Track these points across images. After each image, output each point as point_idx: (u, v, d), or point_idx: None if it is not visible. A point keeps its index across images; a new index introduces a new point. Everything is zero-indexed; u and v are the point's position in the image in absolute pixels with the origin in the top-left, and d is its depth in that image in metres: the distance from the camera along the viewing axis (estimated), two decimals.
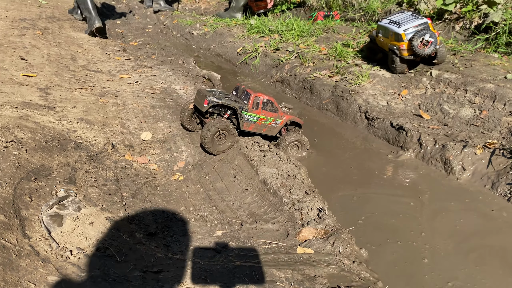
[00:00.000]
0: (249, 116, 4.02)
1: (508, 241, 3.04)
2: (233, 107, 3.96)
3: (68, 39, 7.63)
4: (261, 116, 4.08)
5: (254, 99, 3.99)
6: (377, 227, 3.24)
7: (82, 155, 3.60)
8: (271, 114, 4.13)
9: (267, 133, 4.24)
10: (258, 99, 4.02)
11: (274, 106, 4.12)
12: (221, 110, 4.04)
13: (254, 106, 4.01)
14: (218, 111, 4.04)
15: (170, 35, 9.79)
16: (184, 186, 3.64)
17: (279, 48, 7.10)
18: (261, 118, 4.09)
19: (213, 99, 3.86)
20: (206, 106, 3.86)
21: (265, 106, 4.07)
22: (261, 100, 4.03)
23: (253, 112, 4.02)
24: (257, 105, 4.03)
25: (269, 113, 4.11)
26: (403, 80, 5.15)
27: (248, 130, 4.13)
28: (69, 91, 4.96)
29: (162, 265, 2.51)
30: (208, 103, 3.85)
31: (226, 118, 4.03)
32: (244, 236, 2.96)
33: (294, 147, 4.29)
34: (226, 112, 4.04)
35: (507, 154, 3.62)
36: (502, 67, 4.84)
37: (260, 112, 4.06)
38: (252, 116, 4.04)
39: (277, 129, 4.25)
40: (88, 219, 2.69)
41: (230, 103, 3.93)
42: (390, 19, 5.06)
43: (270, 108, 4.11)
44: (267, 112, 4.10)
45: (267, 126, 4.18)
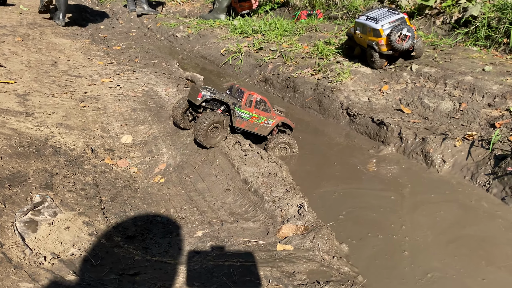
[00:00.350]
0: (242, 112, 4.04)
1: (487, 231, 3.06)
2: (226, 102, 3.97)
3: (49, 45, 7.56)
4: (254, 115, 4.10)
5: (247, 97, 4.02)
6: (358, 222, 3.25)
7: (60, 160, 3.56)
8: (263, 114, 4.15)
9: (259, 132, 4.25)
10: (252, 97, 4.04)
11: (267, 106, 4.15)
12: (215, 105, 4.04)
13: (247, 103, 4.03)
14: (212, 106, 4.03)
15: (154, 38, 9.75)
16: (165, 188, 3.62)
17: (262, 48, 7.10)
18: (253, 117, 4.11)
19: (207, 93, 3.87)
20: (200, 99, 3.85)
21: (258, 105, 4.09)
22: (254, 98, 4.05)
23: (246, 109, 4.04)
24: (250, 103, 4.05)
25: (261, 112, 4.13)
26: (384, 75, 5.18)
27: (240, 127, 4.13)
28: (49, 97, 4.91)
29: (139, 268, 2.49)
30: (202, 96, 3.85)
31: (220, 112, 4.03)
32: (224, 236, 2.95)
33: (282, 150, 4.30)
34: (219, 108, 4.03)
35: (485, 145, 3.65)
36: (480, 59, 4.88)
37: (253, 110, 4.08)
38: (244, 113, 4.05)
39: (268, 129, 4.26)
40: (64, 224, 2.66)
41: (223, 98, 3.94)
42: (367, 15, 5.09)
43: (262, 108, 4.13)
44: (259, 111, 4.12)
45: (259, 125, 4.19)
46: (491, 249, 2.89)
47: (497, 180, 3.35)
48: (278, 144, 4.24)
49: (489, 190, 3.38)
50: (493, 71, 4.46)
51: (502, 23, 5.29)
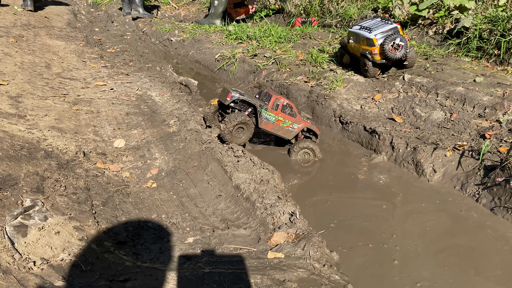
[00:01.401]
0: (268, 115, 4.15)
1: (476, 240, 3.09)
2: (253, 104, 4.13)
3: (43, 47, 7.53)
4: (279, 118, 4.20)
5: (274, 100, 4.13)
6: (349, 230, 3.26)
7: (52, 164, 3.54)
8: (289, 118, 4.23)
9: (284, 136, 4.34)
10: (279, 101, 4.15)
11: (293, 111, 4.24)
12: (243, 107, 4.22)
13: (274, 107, 4.15)
14: (240, 107, 4.22)
15: (149, 42, 9.75)
16: (157, 194, 3.61)
17: (256, 54, 7.13)
18: (279, 120, 4.21)
19: (236, 94, 4.07)
20: (229, 99, 4.07)
21: (284, 109, 4.19)
22: (281, 102, 4.16)
23: (272, 112, 4.15)
24: (276, 106, 4.15)
25: (287, 116, 4.22)
26: (376, 84, 5.23)
27: (266, 129, 4.24)
28: (42, 99, 4.89)
29: (129, 274, 2.48)
30: (231, 97, 4.06)
31: (247, 114, 4.20)
32: (216, 242, 2.95)
33: (306, 154, 4.36)
34: (247, 109, 4.20)
35: (475, 155, 3.69)
36: (472, 70, 4.95)
37: (279, 113, 4.18)
38: (270, 115, 4.16)
39: (293, 134, 4.34)
40: (54, 228, 2.65)
41: (251, 100, 4.12)
42: (360, 25, 5.14)
43: (289, 112, 4.22)
44: (285, 115, 4.21)
45: (284, 129, 4.28)
46: (480, 259, 2.93)
47: (486, 191, 3.39)
48: (302, 148, 4.31)
49: (479, 200, 3.42)
50: (484, 82, 4.53)
51: (493, 34, 5.37)
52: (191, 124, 4.55)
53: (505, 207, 3.20)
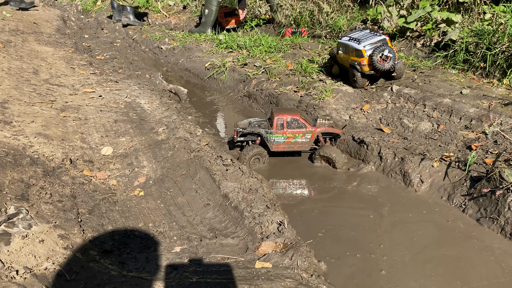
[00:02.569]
0: (275, 137, 4.20)
1: (462, 251, 3.11)
2: (257, 133, 4.23)
3: (31, 53, 7.47)
4: (289, 135, 4.19)
5: (277, 121, 4.15)
6: (337, 240, 3.26)
7: (37, 171, 3.49)
8: (298, 131, 4.19)
9: (301, 149, 4.33)
10: (281, 120, 4.14)
11: (300, 122, 4.19)
12: (252, 137, 4.33)
13: (278, 127, 4.16)
14: (250, 138, 4.34)
15: (139, 50, 9.73)
16: (144, 202, 3.58)
17: (246, 63, 7.16)
18: (289, 137, 4.20)
19: (239, 129, 4.24)
20: (235, 137, 4.27)
21: (290, 125, 4.17)
22: (285, 120, 4.15)
23: (279, 133, 4.17)
24: (281, 126, 4.15)
25: (296, 130, 4.19)
26: (365, 95, 5.27)
27: (280, 150, 4.30)
28: (29, 105, 4.83)
29: (115, 283, 2.44)
30: (237, 134, 4.25)
31: (259, 143, 4.31)
32: (203, 252, 2.92)
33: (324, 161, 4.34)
34: (257, 138, 4.30)
35: (462, 166, 3.73)
36: (458, 82, 5.03)
37: (286, 132, 4.17)
38: (278, 137, 4.20)
39: (310, 143, 4.30)
40: (38, 237, 2.60)
41: (254, 130, 4.21)
42: (350, 36, 5.20)
43: (296, 126, 4.19)
44: (293, 130, 4.18)
45: (298, 143, 4.27)
46: (466, 269, 2.94)
47: (472, 201, 3.42)
48: (321, 156, 4.30)
49: (465, 211, 3.45)
50: (470, 94, 4.60)
51: (479, 48, 5.47)
52: (180, 132, 4.53)
53: (491, 218, 3.24)
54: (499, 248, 3.07)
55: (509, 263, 2.94)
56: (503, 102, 4.30)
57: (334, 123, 4.38)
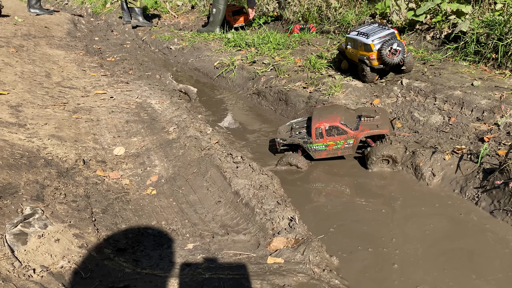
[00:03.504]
0: (316, 146, 4.09)
1: (476, 244, 3.09)
2: (297, 144, 4.19)
3: (43, 56, 7.58)
4: (330, 143, 4.04)
5: (315, 131, 4.00)
6: (349, 235, 3.26)
7: (52, 172, 3.56)
8: (339, 138, 4.01)
9: (345, 154, 4.17)
10: (319, 129, 3.98)
11: (340, 129, 3.98)
12: (294, 146, 4.30)
13: (318, 136, 4.02)
14: (292, 147, 4.33)
15: (148, 50, 9.81)
16: (157, 200, 3.62)
17: (255, 61, 7.17)
18: (330, 145, 4.06)
19: (280, 141, 4.23)
20: (278, 148, 4.28)
21: (329, 133, 4.00)
22: (323, 129, 3.98)
23: (319, 142, 4.04)
24: (320, 135, 4.01)
25: (336, 137, 4.01)
26: (375, 89, 5.25)
27: (323, 157, 4.20)
28: (42, 108, 4.92)
29: (129, 280, 2.48)
30: (279, 145, 4.26)
31: (301, 153, 4.26)
32: (215, 248, 2.95)
33: (384, 162, 4.09)
34: (299, 147, 4.26)
35: (474, 159, 3.70)
36: (469, 74, 4.97)
37: (326, 140, 4.02)
38: (319, 145, 4.08)
39: (354, 148, 4.09)
40: (54, 236, 2.66)
41: (294, 141, 4.16)
42: (358, 30, 5.17)
43: (336, 133, 4.00)
44: (334, 137, 4.01)
45: (341, 149, 4.10)
46: (480, 262, 2.92)
47: (485, 194, 3.39)
48: (378, 158, 4.03)
49: (478, 203, 3.42)
50: (482, 85, 4.54)
51: (491, 38, 5.39)
52: (191, 131, 4.57)
53: (504, 210, 3.20)
54: None
55: None
56: None
57: (380, 120, 4.07)
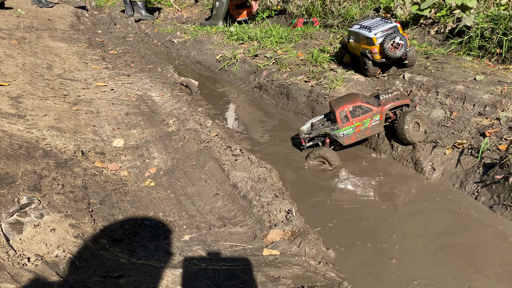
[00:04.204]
0: (344, 131, 4.04)
1: (475, 238, 3.06)
2: (324, 133, 4.13)
3: (45, 49, 7.58)
4: (356, 124, 4.01)
5: (339, 115, 3.97)
6: (348, 230, 3.24)
7: (50, 163, 3.55)
8: (365, 117, 3.99)
9: (374, 133, 4.14)
10: (343, 112, 3.96)
11: (364, 107, 3.97)
12: (320, 138, 4.23)
13: (343, 120, 3.99)
14: (318, 140, 4.25)
15: (151, 44, 9.79)
16: (155, 192, 3.61)
17: (257, 55, 7.13)
18: (357, 126, 4.02)
19: (306, 136, 4.19)
20: (304, 144, 4.24)
21: (354, 114, 3.98)
22: (347, 110, 3.96)
23: (345, 125, 4.01)
24: (346, 118, 3.98)
25: (362, 117, 3.99)
26: (376, 83, 5.20)
27: (352, 142, 4.15)
28: (42, 100, 4.91)
29: (124, 270, 2.47)
30: (304, 141, 4.22)
31: (329, 143, 4.22)
32: (212, 240, 2.94)
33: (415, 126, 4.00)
34: (326, 138, 4.19)
35: (475, 153, 3.66)
36: (472, 69, 4.91)
37: (352, 122, 3.99)
38: (346, 129, 4.03)
39: (381, 124, 4.09)
40: (50, 226, 2.65)
41: (320, 131, 4.12)
42: (360, 24, 5.12)
43: (361, 112, 3.98)
44: (359, 118, 3.99)
45: (369, 129, 4.07)
46: (479, 257, 2.89)
47: (485, 188, 3.36)
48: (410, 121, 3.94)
49: (478, 198, 3.39)
50: (484, 80, 4.49)
51: (495, 33, 5.33)
52: (190, 124, 4.55)
53: (504, 205, 3.17)
54: None
55: None
56: None
57: (399, 94, 4.12)
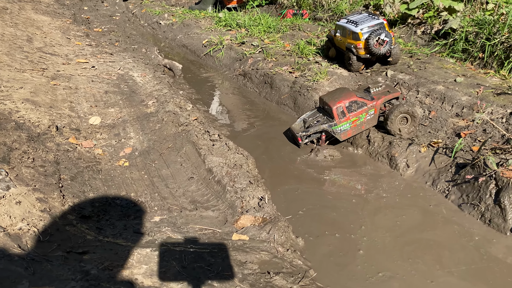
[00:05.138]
0: (341, 127, 4.07)
1: (443, 236, 3.12)
2: (322, 130, 4.14)
3: (27, 21, 7.37)
4: (353, 119, 4.05)
5: (336, 111, 4.00)
6: (317, 219, 3.26)
7: (22, 136, 3.47)
8: (361, 111, 4.04)
9: (369, 127, 4.20)
10: (340, 108, 3.99)
11: (359, 102, 4.02)
12: (316, 134, 4.22)
13: (340, 116, 4.02)
14: (315, 137, 4.26)
15: (138, 24, 9.62)
16: (128, 172, 3.57)
17: (244, 42, 7.07)
18: (354, 121, 4.06)
19: (303, 134, 4.17)
20: (301, 142, 4.24)
21: (350, 109, 4.01)
22: (343, 106, 3.99)
23: (343, 121, 4.04)
24: (342, 113, 4.01)
25: (358, 112, 4.03)
26: (359, 78, 5.23)
27: (349, 137, 4.19)
28: (19, 72, 4.78)
29: (89, 247, 2.44)
30: (301, 139, 4.21)
31: (325, 139, 4.23)
32: (182, 222, 2.93)
33: (403, 120, 4.05)
34: (322, 134, 4.20)
35: (449, 153, 3.72)
36: (454, 70, 4.98)
37: (349, 117, 4.03)
38: (343, 125, 4.07)
39: (376, 118, 4.15)
40: (15, 198, 2.59)
41: (318, 128, 4.12)
42: (348, 18, 5.12)
43: (357, 107, 4.02)
44: (356, 113, 4.03)
45: (364, 123, 4.13)
46: (445, 254, 2.95)
47: (456, 187, 3.42)
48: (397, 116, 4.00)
49: (448, 196, 3.45)
50: (464, 82, 4.55)
51: (479, 38, 5.39)
52: (170, 106, 4.50)
53: (472, 204, 3.23)
54: (478, 234, 3.07)
55: (487, 249, 2.95)
56: (496, 92, 4.26)
57: (388, 87, 4.19)
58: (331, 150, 4.17)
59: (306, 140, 4.27)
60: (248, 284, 2.28)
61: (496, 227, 3.06)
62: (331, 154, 4.14)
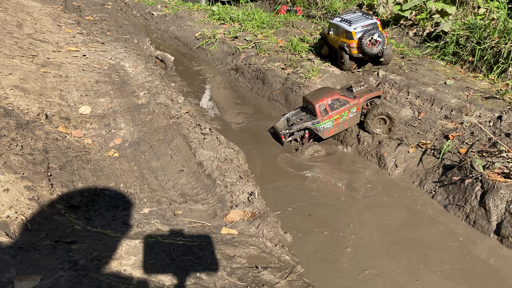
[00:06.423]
0: (324, 125, 4.09)
1: (428, 235, 3.17)
2: (305, 127, 4.14)
3: (17, 6, 7.24)
4: (335, 117, 4.07)
5: (318, 109, 4.01)
6: (306, 216, 3.29)
7: (10, 123, 3.42)
8: (343, 109, 4.06)
9: (351, 125, 4.23)
10: (323, 106, 4.00)
11: (341, 100, 4.04)
12: (300, 132, 4.24)
13: (323, 113, 4.02)
14: (299, 134, 4.27)
15: (130, 14, 9.52)
16: (118, 163, 3.55)
17: (237, 37, 7.06)
18: (336, 119, 4.08)
19: (286, 132, 4.17)
20: (284, 140, 4.23)
21: (333, 107, 4.03)
22: (326, 103, 4.01)
23: (325, 119, 4.05)
24: (325, 111, 4.02)
25: (340, 110, 4.06)
26: (351, 77, 5.26)
27: (331, 135, 4.22)
28: (8, 58, 4.70)
29: (77, 237, 2.43)
30: (285, 136, 4.21)
31: (308, 137, 4.25)
32: (171, 215, 2.92)
33: (381, 121, 4.11)
34: (305, 132, 4.22)
35: (437, 154, 3.77)
36: (444, 73, 5.04)
37: (331, 115, 4.04)
38: (326, 123, 4.09)
39: (358, 116, 4.20)
40: (3, 186, 2.56)
41: (301, 126, 4.13)
42: (342, 17, 5.14)
43: (339, 105, 4.04)
44: (338, 111, 4.05)
45: (347, 121, 4.16)
46: (430, 253, 3.00)
47: (442, 188, 3.47)
48: (376, 116, 4.07)
49: (434, 197, 3.50)
50: (454, 85, 4.62)
51: (470, 41, 5.47)
52: (161, 98, 4.48)
53: (457, 205, 3.29)
54: (462, 235, 3.13)
55: (471, 249, 3.01)
56: (484, 96, 4.33)
57: (369, 86, 4.23)
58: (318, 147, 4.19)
59: (290, 138, 4.29)
60: (236, 278, 2.30)
61: (480, 228, 3.12)
62: (321, 151, 4.17)
